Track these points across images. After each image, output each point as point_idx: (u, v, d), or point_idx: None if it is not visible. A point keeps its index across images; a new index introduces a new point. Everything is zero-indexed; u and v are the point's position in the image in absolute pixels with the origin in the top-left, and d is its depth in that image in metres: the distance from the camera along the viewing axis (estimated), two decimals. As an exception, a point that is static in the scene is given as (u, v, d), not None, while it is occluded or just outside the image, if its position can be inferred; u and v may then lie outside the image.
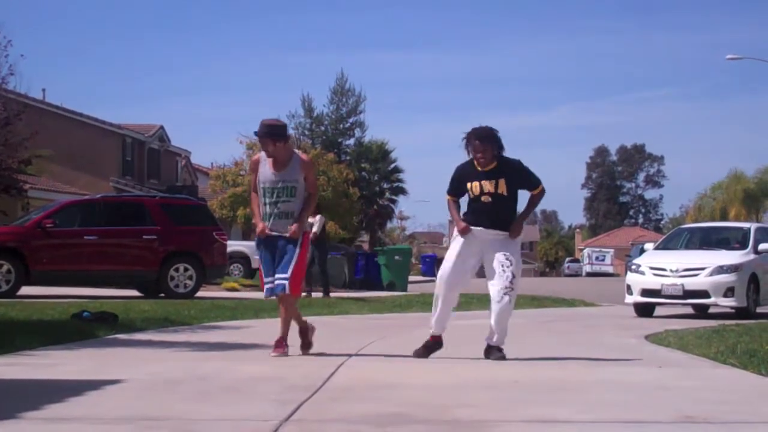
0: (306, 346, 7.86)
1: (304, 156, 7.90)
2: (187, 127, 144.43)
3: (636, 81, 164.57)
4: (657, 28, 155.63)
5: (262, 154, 7.75)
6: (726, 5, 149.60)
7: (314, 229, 17.99)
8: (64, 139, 35.62)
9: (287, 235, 7.53)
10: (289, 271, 7.46)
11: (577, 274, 76.19)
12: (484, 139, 7.52)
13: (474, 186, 7.54)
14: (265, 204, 7.67)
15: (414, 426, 4.66)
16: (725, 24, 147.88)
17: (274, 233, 7.60)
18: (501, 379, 6.47)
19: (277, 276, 7.52)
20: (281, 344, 7.67)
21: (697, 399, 5.61)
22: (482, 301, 7.71)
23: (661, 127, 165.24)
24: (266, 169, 7.65)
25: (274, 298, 7.67)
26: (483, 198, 7.53)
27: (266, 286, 7.61)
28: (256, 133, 7.73)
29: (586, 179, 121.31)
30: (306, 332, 7.89)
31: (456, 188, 7.75)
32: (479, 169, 7.55)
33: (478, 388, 6.06)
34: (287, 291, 7.47)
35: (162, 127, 44.20)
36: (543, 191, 7.76)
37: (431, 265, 53.07)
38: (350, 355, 7.82)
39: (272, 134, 7.60)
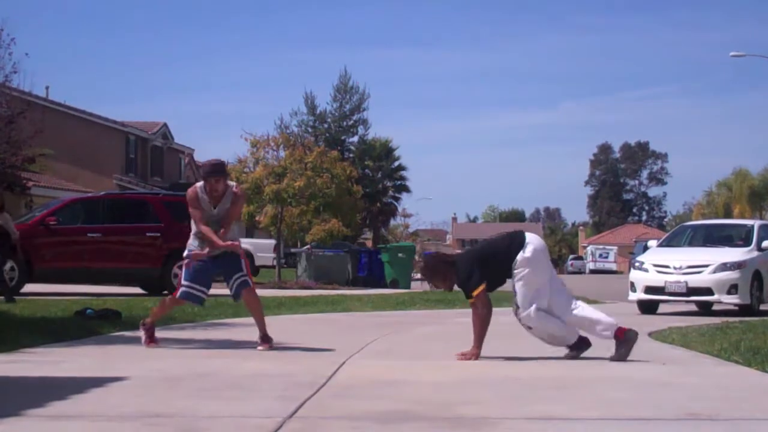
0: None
1: (236, 189, 8.37)
2: (191, 124, 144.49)
3: (640, 78, 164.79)
4: (661, 26, 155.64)
5: (198, 190, 8.20)
6: (730, 3, 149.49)
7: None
8: (67, 137, 35.68)
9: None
10: (245, 269, 8.26)
11: (580, 272, 76.18)
12: None
13: None
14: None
15: (417, 423, 4.66)
16: (729, 21, 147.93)
17: (215, 253, 8.20)
18: (504, 377, 6.47)
19: (236, 276, 8.25)
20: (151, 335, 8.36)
21: (701, 396, 5.60)
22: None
23: (665, 124, 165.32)
24: (207, 205, 8.20)
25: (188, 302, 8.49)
26: None
27: (183, 290, 8.25)
28: (208, 174, 8.15)
29: (589, 176, 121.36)
30: None
31: None
32: None
33: (481, 385, 6.06)
34: (251, 285, 8.30)
35: (165, 125, 44.27)
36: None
37: (434, 262, 52.99)
38: (353, 353, 7.82)
39: (223, 171, 8.24)
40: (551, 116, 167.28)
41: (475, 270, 7.41)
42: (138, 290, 18.39)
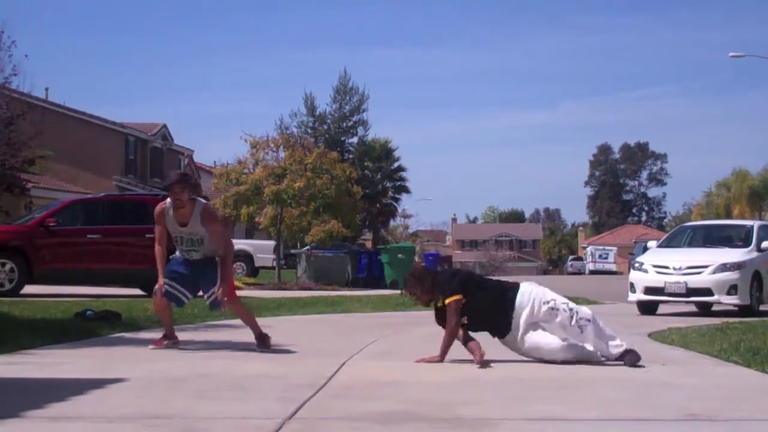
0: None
1: (207, 208, 8.27)
2: (191, 124, 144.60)
3: (640, 78, 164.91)
4: (661, 26, 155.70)
5: (166, 206, 8.21)
6: (730, 3, 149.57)
7: None
8: (67, 138, 35.66)
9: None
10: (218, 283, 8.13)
11: (580, 273, 76.12)
12: None
13: None
14: (180, 247, 8.32)
15: (417, 423, 4.67)
16: (729, 21, 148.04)
17: (193, 257, 8.27)
18: (504, 377, 6.48)
19: (211, 291, 8.20)
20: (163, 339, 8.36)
21: (700, 396, 5.61)
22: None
23: (665, 124, 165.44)
24: (171, 221, 8.19)
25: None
26: None
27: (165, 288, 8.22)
28: (171, 184, 8.14)
29: (589, 177, 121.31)
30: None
31: None
32: None
33: (481, 386, 6.07)
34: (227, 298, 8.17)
35: (165, 126, 44.24)
36: None
37: (434, 263, 52.86)
38: (353, 353, 7.83)
39: (184, 183, 8.11)
40: (551, 116, 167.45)
41: (457, 280, 7.38)
42: (138, 291, 18.38)
